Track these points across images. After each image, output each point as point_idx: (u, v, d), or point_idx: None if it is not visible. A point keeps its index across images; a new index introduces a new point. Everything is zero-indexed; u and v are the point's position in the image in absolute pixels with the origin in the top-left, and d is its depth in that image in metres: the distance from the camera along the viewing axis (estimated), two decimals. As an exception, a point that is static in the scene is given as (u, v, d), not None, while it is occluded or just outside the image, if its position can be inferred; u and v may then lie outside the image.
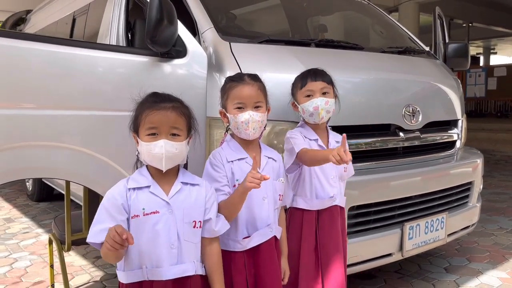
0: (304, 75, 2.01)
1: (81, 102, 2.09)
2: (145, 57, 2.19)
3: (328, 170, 1.94)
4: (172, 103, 1.49)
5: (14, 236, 4.13)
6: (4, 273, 3.23)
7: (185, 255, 1.46)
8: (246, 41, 2.32)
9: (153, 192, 1.46)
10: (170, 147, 1.43)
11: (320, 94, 1.94)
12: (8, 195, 5.91)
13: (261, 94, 1.73)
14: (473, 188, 2.90)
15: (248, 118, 1.68)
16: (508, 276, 3.06)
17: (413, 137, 2.55)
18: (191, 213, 1.49)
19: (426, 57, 3.24)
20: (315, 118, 1.94)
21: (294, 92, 2.03)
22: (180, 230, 1.45)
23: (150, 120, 1.44)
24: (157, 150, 1.42)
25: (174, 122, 1.46)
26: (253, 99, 1.70)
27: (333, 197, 1.96)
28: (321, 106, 1.92)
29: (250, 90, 1.70)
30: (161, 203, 1.45)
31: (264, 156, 1.77)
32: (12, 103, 1.98)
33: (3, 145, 1.96)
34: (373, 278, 3.04)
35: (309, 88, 1.95)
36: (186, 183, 1.51)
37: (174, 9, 2.07)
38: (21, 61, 1.97)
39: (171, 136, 1.45)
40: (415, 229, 2.44)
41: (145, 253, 1.44)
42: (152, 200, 1.45)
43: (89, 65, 2.10)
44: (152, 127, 1.44)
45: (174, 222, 1.45)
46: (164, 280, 1.42)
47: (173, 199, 1.47)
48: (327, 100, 1.93)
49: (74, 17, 4.08)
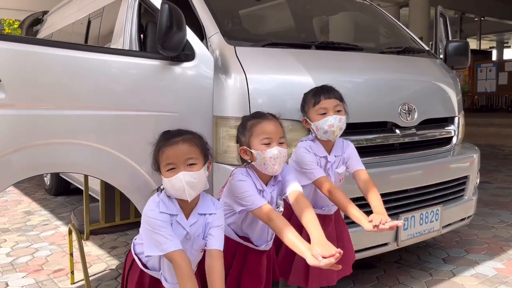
0: (316, 92, 2.04)
1: (98, 103, 2.27)
2: (157, 60, 2.36)
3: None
4: (182, 136, 1.60)
5: (34, 228, 4.37)
6: (26, 262, 3.46)
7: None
8: (250, 44, 2.48)
9: (179, 222, 1.61)
10: (189, 178, 1.54)
11: (333, 112, 1.98)
12: (27, 190, 6.17)
13: (282, 131, 1.80)
14: (469, 182, 3.03)
15: (276, 153, 1.72)
16: (504, 266, 3.19)
17: (409, 134, 2.69)
18: (200, 244, 1.65)
19: (426, 56, 3.37)
20: (329, 135, 1.99)
21: (306, 109, 2.06)
22: (190, 255, 1.60)
23: (166, 156, 1.57)
24: (178, 184, 1.54)
25: (187, 153, 1.57)
26: (278, 134, 1.76)
27: (325, 209, 2.10)
28: (335, 124, 1.96)
29: (275, 125, 1.77)
30: (182, 233, 1.61)
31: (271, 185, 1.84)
32: (35, 103, 2.17)
33: (25, 143, 2.14)
34: (373, 267, 3.19)
35: (322, 106, 1.98)
36: (202, 214, 1.65)
37: (182, 16, 2.23)
38: (41, 66, 2.15)
39: (188, 166, 1.56)
40: (410, 220, 2.59)
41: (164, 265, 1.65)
42: (177, 228, 1.60)
43: (105, 68, 2.28)
44: (169, 163, 1.56)
45: (187, 248, 1.61)
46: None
47: (191, 228, 1.63)
48: (340, 118, 1.98)
49: (90, 19, 4.27)
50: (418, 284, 2.91)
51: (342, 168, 2.11)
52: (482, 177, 6.36)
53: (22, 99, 2.14)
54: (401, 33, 3.61)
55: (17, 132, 2.13)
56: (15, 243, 3.90)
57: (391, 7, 14.68)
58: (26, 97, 2.15)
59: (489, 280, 2.97)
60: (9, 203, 5.43)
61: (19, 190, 6.14)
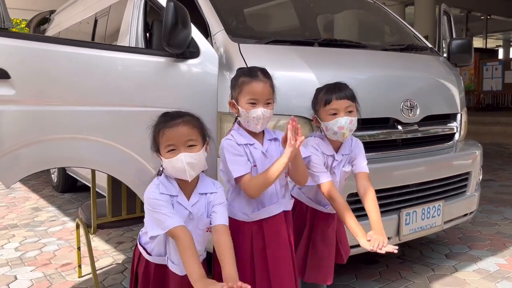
0: (328, 91, 2.00)
1: (105, 99, 2.32)
2: (162, 57, 2.41)
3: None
4: (182, 118, 1.63)
5: (42, 223, 4.43)
6: (34, 256, 3.52)
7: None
8: (254, 42, 2.52)
9: (180, 202, 1.65)
10: (190, 159, 1.59)
11: (344, 113, 1.94)
12: (34, 187, 6.25)
13: (271, 92, 1.84)
14: (471, 178, 3.05)
15: (260, 114, 1.78)
16: (506, 262, 3.21)
17: (411, 130, 2.72)
18: (205, 222, 1.70)
19: (429, 53, 3.39)
20: (338, 136, 1.97)
21: (317, 108, 2.03)
22: (195, 234, 1.65)
23: (167, 138, 1.60)
24: (179, 164, 1.58)
25: (188, 135, 1.61)
26: (265, 96, 1.80)
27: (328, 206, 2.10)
28: (345, 126, 1.93)
29: (263, 87, 1.80)
30: (185, 213, 1.66)
31: (267, 140, 1.90)
32: (44, 100, 2.23)
33: (34, 138, 2.20)
34: (376, 263, 3.23)
35: (333, 106, 1.95)
36: (204, 194, 1.70)
37: (187, 14, 2.28)
38: (50, 63, 2.21)
39: (188, 148, 1.61)
40: (412, 215, 2.62)
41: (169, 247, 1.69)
42: (178, 208, 1.65)
43: (111, 65, 2.33)
44: (169, 144, 1.60)
45: (191, 228, 1.64)
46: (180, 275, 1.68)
47: (193, 208, 1.67)
48: (351, 119, 1.95)
49: (96, 18, 4.33)
50: (420, 279, 2.95)
51: (349, 167, 2.11)
52: (487, 175, 6.41)
53: (31, 95, 2.20)
54: (404, 30, 3.63)
55: (26, 127, 2.19)
56: (23, 238, 3.96)
57: (396, 5, 14.66)
58: (35, 93, 2.20)
59: (491, 275, 3.00)
60: (17, 199, 5.51)
61: (27, 187, 6.22)
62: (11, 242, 3.86)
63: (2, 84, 2.12)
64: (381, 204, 2.55)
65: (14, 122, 2.17)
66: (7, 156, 2.17)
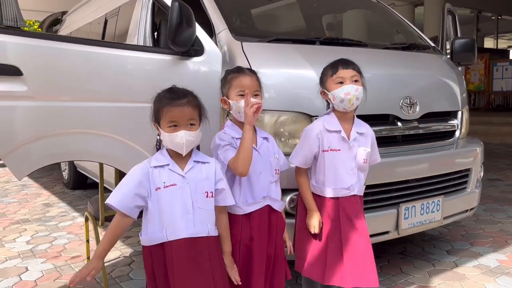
0: (334, 63, 2.12)
1: (112, 95, 2.41)
2: (168, 55, 2.49)
3: (346, 160, 2.09)
4: (187, 98, 1.76)
5: (53, 218, 4.56)
6: (45, 249, 3.63)
7: (198, 220, 1.76)
8: (257, 40, 2.59)
9: (172, 169, 1.76)
10: (189, 136, 1.72)
11: (351, 82, 2.05)
12: (46, 184, 6.39)
13: (258, 85, 2.01)
14: (471, 174, 3.09)
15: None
16: (507, 258, 3.24)
17: (410, 127, 2.77)
18: (203, 186, 1.78)
19: (432, 52, 3.44)
20: (345, 104, 2.05)
21: (324, 80, 2.14)
22: (194, 199, 1.75)
23: (171, 115, 1.72)
24: (178, 139, 1.71)
25: (190, 115, 1.74)
26: (253, 88, 1.97)
27: (350, 187, 2.09)
28: (352, 92, 2.02)
29: (250, 80, 1.99)
30: (178, 178, 1.75)
31: (260, 137, 2.05)
32: (54, 96, 2.32)
33: (45, 133, 2.30)
34: (377, 258, 3.27)
35: (340, 75, 2.06)
36: (198, 161, 1.81)
37: (192, 14, 2.36)
38: (60, 60, 2.30)
39: (189, 126, 1.73)
40: (411, 210, 2.67)
41: (165, 218, 1.74)
42: (171, 175, 1.75)
43: (120, 63, 2.42)
44: (172, 121, 1.72)
45: (189, 193, 1.75)
46: (180, 238, 1.72)
47: (188, 174, 1.77)
48: (357, 87, 2.04)
49: (106, 18, 4.44)
50: (420, 274, 2.99)
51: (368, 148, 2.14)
52: (494, 174, 6.42)
53: (42, 92, 2.30)
54: (407, 30, 3.68)
55: (37, 122, 2.29)
56: (35, 232, 4.08)
57: (406, 6, 14.65)
58: (46, 90, 2.30)
59: (491, 270, 3.03)
60: (29, 196, 5.65)
61: (39, 184, 6.37)
62: (22, 236, 3.98)
63: (15, 81, 2.22)
64: (380, 199, 2.63)
65: (26, 117, 2.27)
66: (19, 149, 2.27)
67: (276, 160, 2.06)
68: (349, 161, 2.10)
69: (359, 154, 2.12)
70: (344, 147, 2.10)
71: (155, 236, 1.76)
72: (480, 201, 4.82)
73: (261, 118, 2.38)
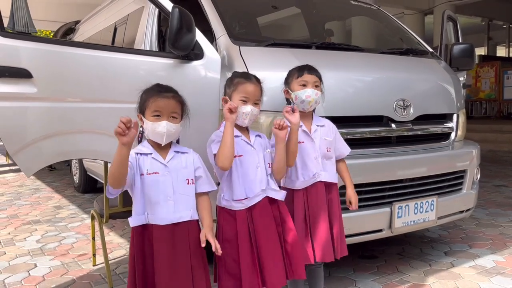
0: (301, 67, 2.34)
1: (118, 97, 2.53)
2: (170, 59, 2.62)
3: (309, 151, 2.29)
4: (173, 93, 1.93)
5: (62, 220, 4.70)
6: (54, 248, 3.77)
7: (180, 205, 1.89)
8: (254, 45, 2.71)
9: (154, 158, 1.90)
10: (170, 127, 1.86)
11: (312, 86, 2.28)
12: (58, 188, 6.57)
13: (260, 94, 2.13)
14: (467, 176, 3.15)
15: (249, 110, 2.07)
16: (504, 260, 3.28)
17: (404, 128, 2.85)
18: (183, 173, 1.92)
19: (430, 57, 3.52)
20: (305, 105, 2.27)
21: (290, 81, 2.36)
22: (175, 186, 1.88)
23: (157, 105, 1.87)
24: (160, 128, 1.85)
25: (174, 108, 1.89)
26: (256, 96, 2.10)
27: (315, 175, 2.28)
28: (312, 96, 2.26)
29: (255, 89, 2.11)
30: (160, 166, 1.89)
31: (253, 135, 2.17)
32: (63, 97, 2.46)
33: (54, 132, 2.43)
34: (375, 258, 3.34)
35: (305, 79, 2.29)
36: (178, 152, 1.96)
37: (192, 19, 2.48)
38: (68, 64, 2.43)
39: (171, 118, 1.88)
40: (404, 209, 2.75)
41: (147, 203, 1.87)
42: (153, 163, 1.89)
43: (124, 66, 2.55)
44: (157, 110, 1.86)
45: (170, 180, 1.88)
46: (162, 224, 1.84)
47: (169, 163, 1.90)
48: (317, 92, 2.28)
49: (116, 26, 4.62)
50: (415, 273, 3.05)
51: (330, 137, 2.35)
52: (500, 180, 6.42)
53: (51, 93, 2.44)
54: (406, 35, 3.77)
55: (46, 122, 2.43)
56: (44, 232, 4.23)
57: (415, 14, 14.70)
58: (55, 92, 2.44)
59: (487, 271, 3.08)
60: (41, 199, 5.82)
61: (51, 188, 6.54)
62: (33, 235, 4.13)
63: (25, 83, 2.37)
64: (373, 197, 2.71)
65: (35, 117, 2.41)
66: (28, 147, 2.41)
67: (269, 154, 2.17)
68: (313, 151, 2.30)
69: (321, 144, 2.31)
70: (307, 139, 2.30)
71: (138, 217, 1.89)
72: (483, 206, 4.89)
73: (257, 118, 2.48)
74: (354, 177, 2.60)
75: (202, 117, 2.41)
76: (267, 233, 2.07)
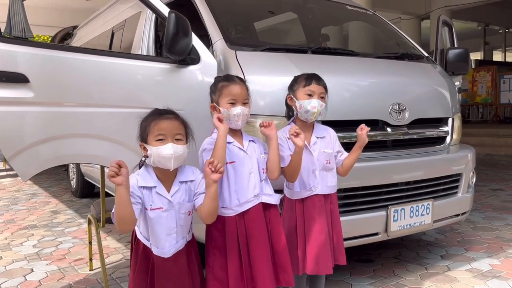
0: (309, 76, 2.29)
1: (115, 101, 2.54)
2: (167, 64, 2.63)
3: (307, 164, 2.24)
4: (174, 115, 1.86)
5: (59, 224, 4.70)
6: (50, 252, 3.76)
7: (180, 235, 1.88)
8: (250, 49, 2.73)
9: (159, 192, 1.84)
10: (176, 149, 1.78)
11: (318, 97, 2.24)
12: (55, 192, 6.56)
13: (247, 93, 2.11)
14: (462, 179, 3.16)
15: (239, 112, 2.05)
16: (500, 263, 3.29)
17: (400, 132, 2.87)
18: (186, 207, 1.88)
19: (425, 62, 3.54)
20: (309, 115, 2.23)
21: (295, 88, 2.29)
22: (178, 219, 1.86)
23: (159, 127, 1.79)
24: (167, 151, 1.76)
25: (177, 129, 1.82)
26: (243, 96, 2.07)
27: (311, 188, 2.26)
28: (317, 107, 2.22)
29: (241, 89, 2.08)
30: (165, 201, 1.83)
31: (246, 140, 2.15)
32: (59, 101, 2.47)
33: (51, 136, 2.43)
34: (371, 261, 3.35)
35: (312, 88, 2.24)
36: (182, 182, 1.88)
37: (188, 24, 2.50)
38: (65, 68, 2.44)
39: (175, 140, 1.80)
40: (400, 212, 2.76)
41: (151, 234, 1.86)
42: (157, 198, 1.82)
43: (122, 70, 2.55)
44: (160, 133, 1.78)
45: (173, 214, 1.84)
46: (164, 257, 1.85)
47: (173, 197, 1.85)
48: (322, 104, 2.25)
49: (113, 31, 4.64)
50: (412, 276, 3.06)
51: (330, 149, 2.32)
52: (497, 184, 6.45)
53: (48, 98, 2.44)
54: (401, 40, 3.80)
55: (43, 126, 2.43)
56: (41, 237, 4.22)
57: (412, 19, 14.78)
58: (51, 96, 2.45)
59: (483, 274, 3.09)
60: (38, 203, 5.81)
61: (48, 193, 6.53)
62: (30, 240, 4.12)
63: (22, 88, 2.37)
64: (369, 201, 2.72)
65: (32, 121, 2.41)
66: (25, 152, 2.41)
67: (262, 159, 2.15)
68: (310, 164, 2.26)
69: (320, 157, 2.28)
70: (305, 152, 2.22)
71: (144, 239, 1.89)
72: (480, 210, 4.91)
73: (253, 122, 2.49)
74: (351, 181, 2.62)
75: (198, 122, 2.41)
76: (259, 239, 2.06)
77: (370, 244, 2.93)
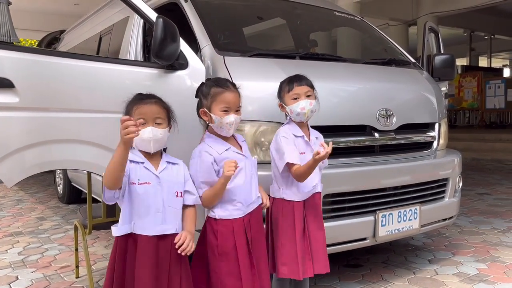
0: (290, 80, 2.33)
1: (102, 106, 2.52)
2: (154, 69, 2.62)
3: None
4: (155, 99, 1.92)
5: (45, 231, 4.63)
6: (36, 260, 3.70)
7: (168, 217, 1.87)
8: (239, 55, 2.73)
9: (147, 167, 1.87)
10: (156, 132, 1.84)
11: (305, 97, 2.27)
12: (41, 198, 6.48)
13: (240, 100, 2.10)
14: (449, 184, 3.19)
15: (233, 120, 2.04)
16: (487, 267, 3.32)
17: (387, 137, 2.89)
18: (174, 186, 1.90)
19: (412, 68, 3.58)
20: (301, 117, 2.27)
21: (282, 95, 2.35)
22: (165, 199, 1.86)
23: (139, 111, 1.86)
24: (146, 135, 1.83)
25: (157, 113, 1.87)
26: (236, 104, 2.07)
27: (315, 185, 2.30)
28: (306, 107, 2.25)
29: (234, 97, 2.07)
30: (152, 176, 1.86)
31: (240, 141, 2.17)
32: (45, 107, 2.44)
33: (36, 142, 2.40)
34: (360, 266, 3.36)
35: (295, 92, 2.28)
36: (169, 162, 1.94)
37: (176, 29, 2.49)
38: (50, 73, 2.41)
39: (156, 124, 1.86)
40: (388, 217, 2.77)
41: (135, 212, 1.84)
42: (145, 173, 1.86)
43: (110, 76, 2.53)
44: (140, 117, 1.82)
45: (161, 192, 1.86)
46: (148, 235, 1.83)
47: (161, 174, 1.88)
48: (310, 102, 2.27)
49: (101, 36, 4.61)
50: (400, 281, 3.07)
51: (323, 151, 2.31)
52: (483, 188, 6.52)
53: (35, 103, 2.41)
54: (389, 46, 3.83)
55: (29, 132, 2.40)
56: (27, 244, 4.16)
57: (399, 25, 14.92)
58: (38, 101, 2.42)
59: (470, 278, 3.11)
60: (24, 210, 5.73)
61: (34, 199, 6.45)
62: (15, 247, 4.06)
63: (8, 93, 2.34)
64: (357, 206, 2.73)
65: (18, 127, 2.38)
66: (11, 158, 2.37)
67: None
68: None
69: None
70: (308, 150, 2.27)
71: (123, 226, 1.86)
72: (467, 214, 4.95)
73: (242, 128, 2.49)
74: (338, 186, 2.63)
75: (186, 127, 2.41)
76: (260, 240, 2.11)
77: (358, 249, 2.93)
